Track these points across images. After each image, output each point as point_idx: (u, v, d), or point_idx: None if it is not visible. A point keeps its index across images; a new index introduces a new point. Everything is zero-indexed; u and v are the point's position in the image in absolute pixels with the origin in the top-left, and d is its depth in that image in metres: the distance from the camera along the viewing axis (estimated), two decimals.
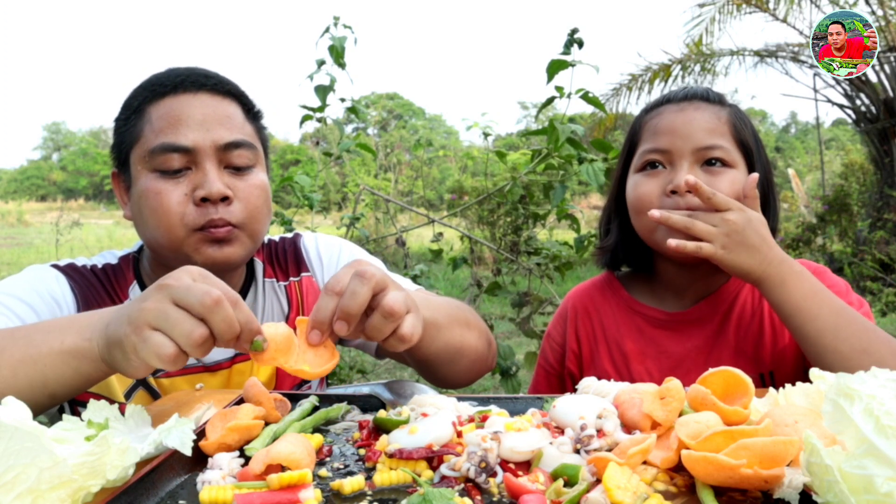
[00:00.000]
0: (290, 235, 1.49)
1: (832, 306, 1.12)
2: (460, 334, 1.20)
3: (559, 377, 1.45)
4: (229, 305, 0.81)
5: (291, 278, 1.42)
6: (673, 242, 1.14)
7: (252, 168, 1.24)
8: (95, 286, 1.27)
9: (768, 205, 1.28)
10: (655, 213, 1.17)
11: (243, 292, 1.36)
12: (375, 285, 0.87)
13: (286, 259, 1.44)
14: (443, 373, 1.21)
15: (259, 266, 1.40)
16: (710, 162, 1.22)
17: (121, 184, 1.29)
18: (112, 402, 0.85)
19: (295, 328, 1.35)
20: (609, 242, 1.39)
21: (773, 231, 1.28)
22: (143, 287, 1.31)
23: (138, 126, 1.22)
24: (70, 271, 1.26)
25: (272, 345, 0.84)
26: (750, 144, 1.26)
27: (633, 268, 1.43)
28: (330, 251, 1.45)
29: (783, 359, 1.27)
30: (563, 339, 1.44)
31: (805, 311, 1.11)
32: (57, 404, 0.95)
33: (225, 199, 1.18)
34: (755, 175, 1.19)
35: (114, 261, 1.33)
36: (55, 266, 1.27)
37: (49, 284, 1.21)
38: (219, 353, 1.30)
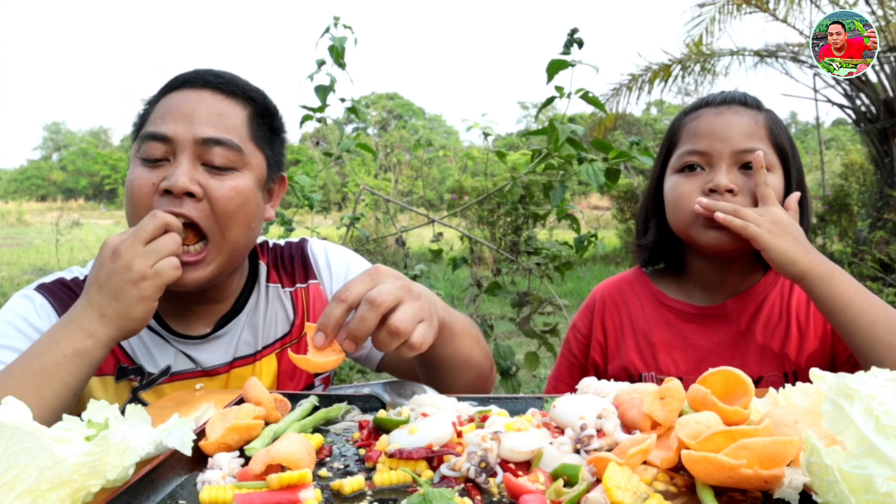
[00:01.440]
0: (296, 240, 1.47)
1: (879, 301, 1.16)
2: (470, 346, 1.21)
3: (582, 368, 1.48)
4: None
5: (298, 284, 1.40)
6: (721, 215, 1.18)
7: (234, 170, 1.18)
8: None
9: (803, 211, 1.30)
10: (703, 199, 1.22)
11: (244, 295, 1.34)
12: (385, 310, 0.92)
13: (293, 265, 1.41)
14: (448, 382, 1.22)
15: (263, 269, 1.38)
16: (747, 165, 1.25)
17: None
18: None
19: (301, 332, 1.37)
20: (648, 240, 1.42)
21: (805, 234, 1.31)
22: None
23: (144, 118, 1.24)
24: (56, 289, 1.24)
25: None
26: (786, 148, 1.29)
27: (668, 265, 1.46)
28: (339, 263, 1.43)
29: (808, 360, 1.29)
30: (590, 330, 1.47)
31: (856, 305, 1.14)
32: (78, 396, 1.05)
33: (192, 196, 1.13)
34: (797, 193, 1.25)
35: None
36: (41, 287, 1.24)
37: (31, 319, 1.18)
38: (217, 358, 1.29)
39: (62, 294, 1.24)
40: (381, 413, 0.86)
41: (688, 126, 1.33)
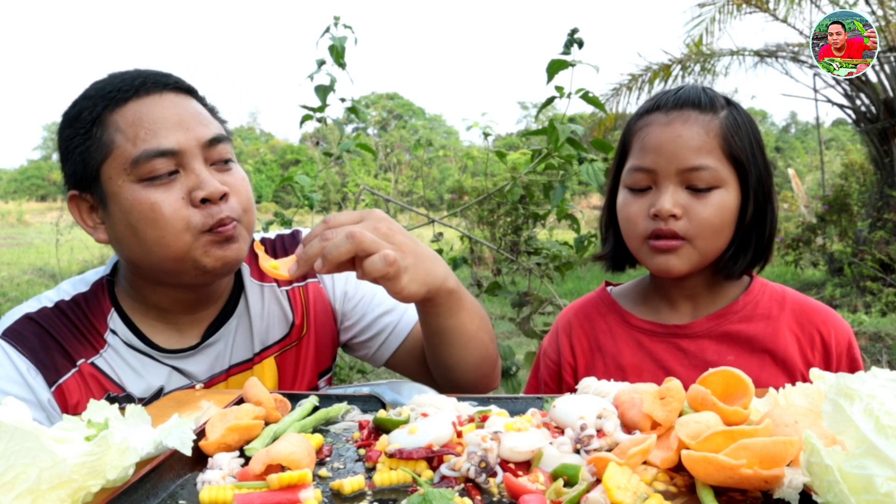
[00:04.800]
0: (287, 232, 1.41)
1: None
2: (478, 325, 1.22)
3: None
4: None
5: (295, 283, 1.35)
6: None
7: (232, 162, 1.20)
8: (59, 326, 1.19)
9: (765, 219, 1.23)
10: None
11: (234, 297, 1.30)
12: (362, 249, 1.02)
13: None
14: (454, 358, 1.21)
15: (245, 268, 1.32)
16: (695, 186, 1.18)
17: (82, 205, 1.19)
18: (113, 401, 0.85)
19: (301, 333, 1.37)
20: (607, 251, 1.37)
21: (771, 238, 1.25)
22: (121, 314, 1.23)
23: (105, 138, 1.12)
24: (20, 329, 1.17)
25: None
26: (742, 157, 1.20)
27: (631, 266, 1.40)
28: None
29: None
30: (559, 355, 1.40)
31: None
32: None
33: (223, 197, 1.14)
34: None
35: (84, 288, 1.25)
36: (5, 334, 1.16)
37: (4, 370, 1.13)
38: (212, 368, 1.27)
39: (26, 332, 1.17)
40: (381, 413, 0.86)
41: (638, 134, 1.26)
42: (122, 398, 1.20)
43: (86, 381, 1.18)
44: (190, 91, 1.21)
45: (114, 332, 1.22)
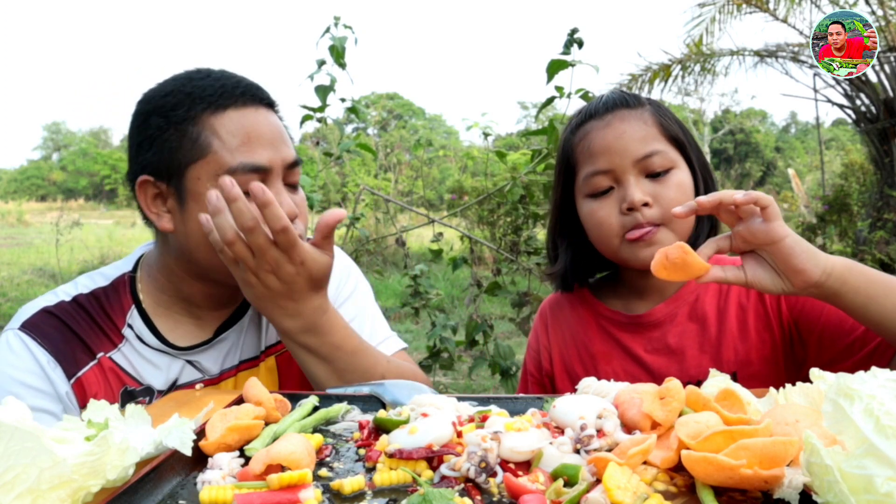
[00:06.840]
0: None
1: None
2: (329, 374, 1.21)
3: (540, 384, 1.47)
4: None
5: None
6: (740, 197, 0.99)
7: (299, 185, 1.23)
8: (78, 319, 1.19)
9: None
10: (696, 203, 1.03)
11: (243, 306, 1.33)
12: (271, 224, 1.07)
13: None
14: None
15: None
16: (654, 173, 1.22)
17: (150, 190, 1.17)
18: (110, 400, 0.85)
19: None
20: (559, 267, 1.39)
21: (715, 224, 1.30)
22: (141, 312, 1.23)
23: (202, 139, 1.12)
24: (40, 322, 1.17)
25: None
26: (681, 137, 1.26)
27: (585, 280, 1.44)
28: (340, 270, 1.39)
29: (747, 361, 1.25)
30: (538, 342, 1.46)
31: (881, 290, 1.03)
32: None
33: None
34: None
35: (104, 282, 1.25)
36: (24, 326, 1.16)
37: (13, 374, 1.13)
38: (224, 363, 1.29)
39: (46, 325, 1.17)
40: (381, 413, 0.86)
41: (580, 146, 1.29)
42: (140, 391, 1.22)
43: (105, 374, 1.19)
44: (274, 105, 1.23)
45: (131, 327, 1.23)
